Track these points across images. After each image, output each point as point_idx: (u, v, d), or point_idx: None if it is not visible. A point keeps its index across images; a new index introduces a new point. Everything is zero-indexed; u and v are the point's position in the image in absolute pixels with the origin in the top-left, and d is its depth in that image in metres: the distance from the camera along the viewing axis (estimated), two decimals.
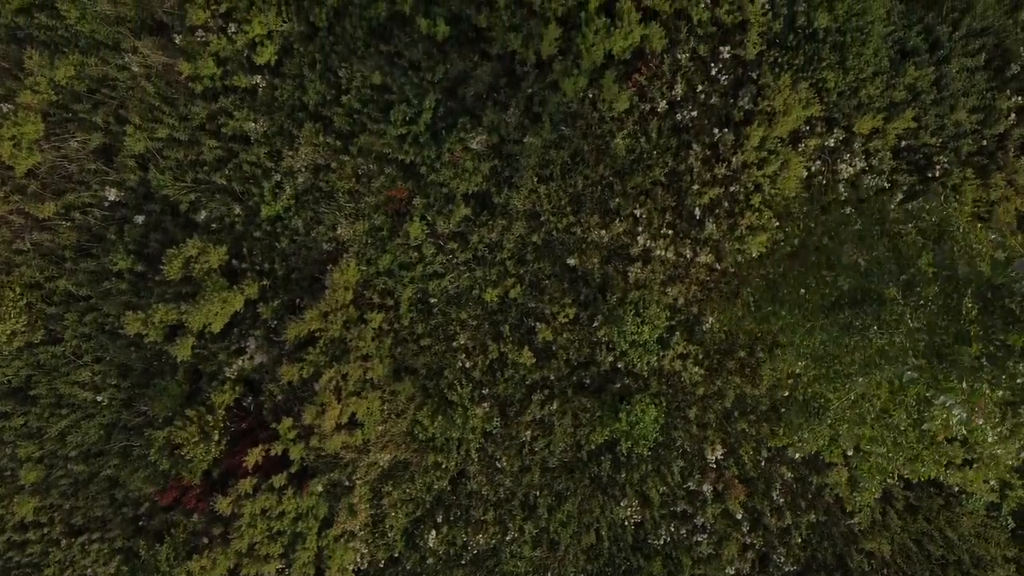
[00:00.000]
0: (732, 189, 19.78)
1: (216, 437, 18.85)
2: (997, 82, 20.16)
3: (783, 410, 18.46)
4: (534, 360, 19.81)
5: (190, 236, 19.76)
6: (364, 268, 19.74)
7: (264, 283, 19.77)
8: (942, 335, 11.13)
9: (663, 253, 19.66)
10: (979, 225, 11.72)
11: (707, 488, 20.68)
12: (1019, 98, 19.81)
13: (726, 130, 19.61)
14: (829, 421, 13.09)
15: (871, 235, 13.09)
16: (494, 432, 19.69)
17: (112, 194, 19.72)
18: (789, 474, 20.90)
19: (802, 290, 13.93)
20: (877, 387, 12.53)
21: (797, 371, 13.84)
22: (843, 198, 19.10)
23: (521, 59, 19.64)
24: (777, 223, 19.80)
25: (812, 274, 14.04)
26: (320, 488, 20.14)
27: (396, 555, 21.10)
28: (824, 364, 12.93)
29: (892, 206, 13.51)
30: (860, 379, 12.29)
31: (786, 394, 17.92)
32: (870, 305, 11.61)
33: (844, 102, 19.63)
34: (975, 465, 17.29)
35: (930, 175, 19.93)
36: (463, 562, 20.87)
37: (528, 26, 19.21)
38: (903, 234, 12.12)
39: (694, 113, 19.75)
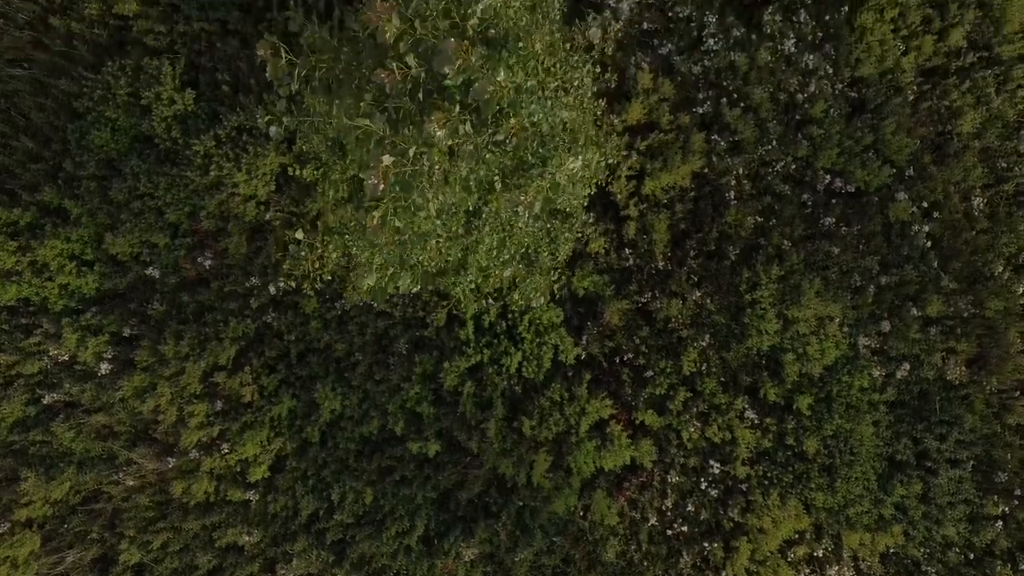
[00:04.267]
0: None
1: None
2: (985, 486, 20.28)
3: None
4: None
5: None
6: None
7: None
8: None
9: None
10: None
11: None
12: (1006, 507, 19.96)
13: (716, 543, 19.79)
14: None
15: None
16: None
17: None
18: None
19: None
20: None
21: None
22: None
23: (512, 475, 19.82)
24: None
25: None
26: None
27: None
28: None
29: None
30: None
31: None
32: None
33: (832, 518, 19.79)
34: None
35: None
36: None
37: (519, 451, 19.38)
38: None
39: (684, 528, 19.92)
